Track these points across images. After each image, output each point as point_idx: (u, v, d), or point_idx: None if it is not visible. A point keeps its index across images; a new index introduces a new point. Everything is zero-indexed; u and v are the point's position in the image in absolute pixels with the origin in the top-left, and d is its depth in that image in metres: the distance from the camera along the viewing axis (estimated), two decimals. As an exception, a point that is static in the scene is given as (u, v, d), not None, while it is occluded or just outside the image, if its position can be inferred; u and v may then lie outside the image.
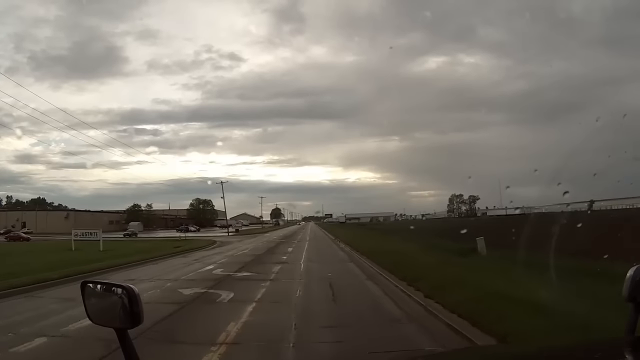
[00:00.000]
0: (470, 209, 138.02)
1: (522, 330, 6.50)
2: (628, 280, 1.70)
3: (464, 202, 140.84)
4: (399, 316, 9.20)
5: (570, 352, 1.90)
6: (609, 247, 10.89)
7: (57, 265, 18.45)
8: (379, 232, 52.01)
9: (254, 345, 7.19)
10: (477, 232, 20.55)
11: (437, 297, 9.96)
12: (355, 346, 6.91)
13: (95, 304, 1.87)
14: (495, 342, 6.47)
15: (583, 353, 1.85)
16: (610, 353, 1.75)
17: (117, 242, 40.80)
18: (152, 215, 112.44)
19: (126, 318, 1.70)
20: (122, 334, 1.71)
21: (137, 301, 1.69)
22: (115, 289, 1.77)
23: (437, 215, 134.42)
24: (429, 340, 7.18)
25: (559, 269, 8.94)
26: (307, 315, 9.08)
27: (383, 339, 7.33)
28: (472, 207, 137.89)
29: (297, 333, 7.58)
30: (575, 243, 11.10)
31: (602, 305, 5.88)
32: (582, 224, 11.33)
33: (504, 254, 15.48)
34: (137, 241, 47.10)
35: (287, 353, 6.72)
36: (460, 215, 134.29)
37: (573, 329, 5.96)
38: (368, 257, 21.74)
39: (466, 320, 7.83)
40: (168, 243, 39.23)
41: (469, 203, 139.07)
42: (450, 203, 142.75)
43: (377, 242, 31.88)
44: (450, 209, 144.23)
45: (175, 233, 59.93)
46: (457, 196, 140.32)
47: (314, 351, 6.88)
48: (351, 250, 29.00)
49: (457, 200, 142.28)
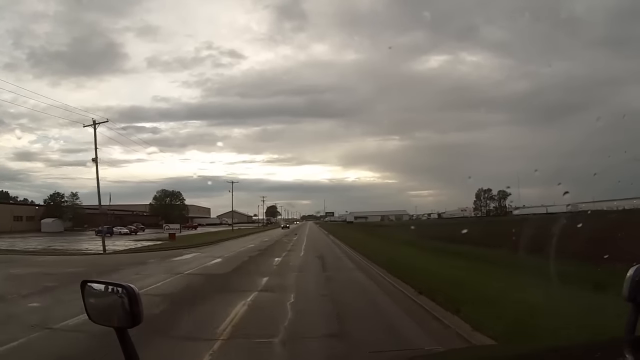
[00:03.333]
0: (500, 206, 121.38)
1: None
2: (628, 280, 1.70)
3: (492, 197, 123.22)
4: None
5: (570, 352, 1.90)
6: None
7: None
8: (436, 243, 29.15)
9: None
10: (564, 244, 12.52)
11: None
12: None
13: (95, 304, 1.88)
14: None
15: (583, 353, 1.85)
16: (610, 353, 1.75)
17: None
18: (81, 210, 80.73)
19: (126, 317, 1.71)
20: (122, 333, 1.71)
21: (136, 301, 1.70)
22: (115, 288, 1.78)
23: (454, 214, 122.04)
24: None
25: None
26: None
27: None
28: (501, 204, 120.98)
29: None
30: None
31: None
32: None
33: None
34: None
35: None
36: (489, 214, 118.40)
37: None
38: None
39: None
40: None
41: (499, 199, 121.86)
42: (477, 199, 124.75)
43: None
44: (477, 205, 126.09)
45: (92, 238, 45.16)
46: (484, 191, 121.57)
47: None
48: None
49: (484, 195, 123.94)
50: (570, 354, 1.86)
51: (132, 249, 33.02)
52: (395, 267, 16.24)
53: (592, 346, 2.01)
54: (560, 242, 12.27)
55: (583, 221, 14.23)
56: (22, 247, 35.83)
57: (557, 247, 11.77)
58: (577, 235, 13.91)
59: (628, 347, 1.71)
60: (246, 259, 23.74)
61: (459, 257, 19.87)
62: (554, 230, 12.57)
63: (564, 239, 13.17)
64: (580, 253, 13.93)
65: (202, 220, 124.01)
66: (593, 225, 17.64)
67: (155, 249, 33.53)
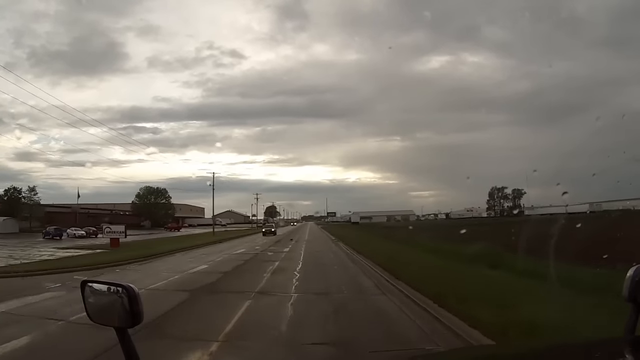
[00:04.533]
0: (514, 205, 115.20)
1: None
2: (628, 280, 1.70)
3: (506, 196, 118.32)
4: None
5: (570, 352, 1.90)
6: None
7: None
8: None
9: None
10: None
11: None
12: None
13: (95, 303, 1.87)
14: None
15: (583, 353, 1.85)
16: (610, 353, 1.75)
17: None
18: (40, 207, 69.82)
19: (126, 317, 1.70)
20: (122, 333, 1.71)
21: (137, 300, 1.70)
22: (115, 288, 1.78)
23: (462, 214, 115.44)
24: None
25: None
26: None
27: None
28: (516, 203, 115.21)
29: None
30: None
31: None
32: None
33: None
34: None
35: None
36: (502, 214, 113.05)
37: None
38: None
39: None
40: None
41: (513, 198, 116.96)
42: (490, 198, 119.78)
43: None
44: (490, 205, 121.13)
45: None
46: (498, 189, 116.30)
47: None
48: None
49: (498, 194, 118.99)
50: (570, 354, 1.86)
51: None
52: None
53: (592, 346, 2.01)
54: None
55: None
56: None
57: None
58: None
59: (628, 347, 1.71)
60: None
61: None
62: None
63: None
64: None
65: (195, 221, 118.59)
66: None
67: (48, 269, 17.60)
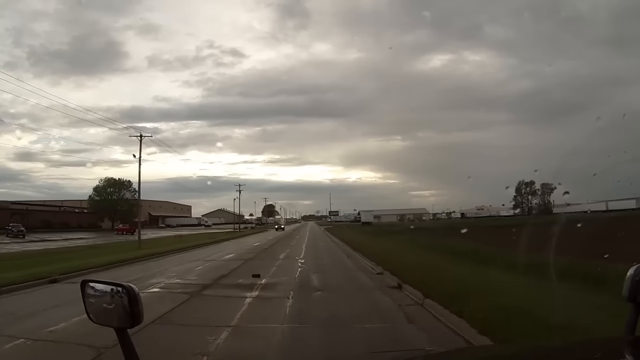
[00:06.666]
0: (543, 202, 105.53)
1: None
2: (628, 280, 1.70)
3: (535, 192, 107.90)
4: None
5: (570, 352, 1.90)
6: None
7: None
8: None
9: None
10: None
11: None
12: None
13: (95, 303, 1.87)
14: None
15: (583, 353, 1.85)
16: (610, 353, 1.75)
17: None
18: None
19: (126, 317, 1.70)
20: (122, 333, 1.71)
21: (137, 300, 1.70)
22: (115, 288, 1.77)
23: (478, 213, 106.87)
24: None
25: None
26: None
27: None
28: (545, 200, 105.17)
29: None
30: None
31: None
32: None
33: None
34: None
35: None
36: (530, 211, 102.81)
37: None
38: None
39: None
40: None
41: (542, 194, 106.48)
42: (517, 194, 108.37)
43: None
44: (517, 202, 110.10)
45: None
46: (526, 184, 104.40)
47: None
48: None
49: (526, 189, 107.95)
50: (570, 354, 1.86)
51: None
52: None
53: (592, 346, 2.01)
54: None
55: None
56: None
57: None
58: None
59: (628, 347, 1.71)
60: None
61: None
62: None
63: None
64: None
65: (176, 220, 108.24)
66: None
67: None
